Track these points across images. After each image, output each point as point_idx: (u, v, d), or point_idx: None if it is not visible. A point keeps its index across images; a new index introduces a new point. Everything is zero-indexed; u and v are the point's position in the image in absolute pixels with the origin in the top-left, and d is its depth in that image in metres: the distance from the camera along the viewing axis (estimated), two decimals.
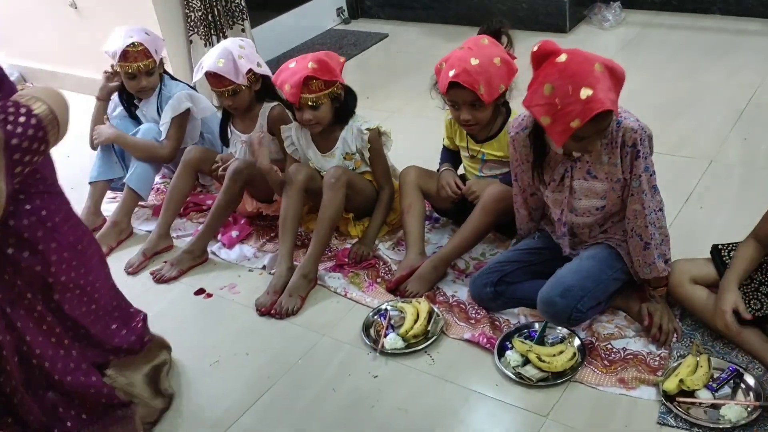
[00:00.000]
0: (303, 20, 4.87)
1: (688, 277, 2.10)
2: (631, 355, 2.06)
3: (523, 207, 2.32)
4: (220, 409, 2.11)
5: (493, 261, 2.34)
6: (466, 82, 2.25)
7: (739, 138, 3.08)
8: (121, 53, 2.88)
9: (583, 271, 2.10)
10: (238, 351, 2.32)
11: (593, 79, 1.79)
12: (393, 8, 5.03)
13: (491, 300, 2.27)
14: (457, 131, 2.57)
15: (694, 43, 4.05)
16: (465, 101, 2.32)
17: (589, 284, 2.08)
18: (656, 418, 1.87)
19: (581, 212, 2.13)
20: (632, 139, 1.97)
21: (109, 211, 3.09)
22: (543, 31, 4.33)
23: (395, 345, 2.21)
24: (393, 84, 4.08)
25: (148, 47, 2.91)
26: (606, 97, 1.79)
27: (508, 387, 2.04)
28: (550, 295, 2.08)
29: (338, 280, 2.56)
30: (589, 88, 1.78)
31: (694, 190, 2.78)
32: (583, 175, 2.07)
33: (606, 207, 2.10)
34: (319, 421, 2.04)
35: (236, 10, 3.98)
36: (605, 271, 2.12)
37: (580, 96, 1.78)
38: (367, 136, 2.59)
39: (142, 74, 2.94)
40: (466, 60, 2.26)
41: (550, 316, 2.12)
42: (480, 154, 2.51)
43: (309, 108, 2.50)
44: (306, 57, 2.50)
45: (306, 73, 2.44)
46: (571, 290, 2.06)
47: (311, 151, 2.67)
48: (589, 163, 2.05)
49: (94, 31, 4.09)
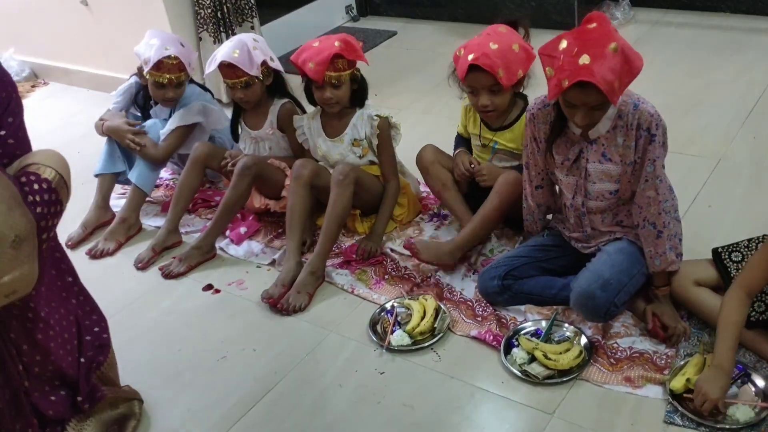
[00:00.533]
0: (312, 18, 4.87)
1: (692, 279, 2.09)
2: (638, 353, 2.06)
3: (531, 197, 2.34)
4: (227, 404, 2.12)
5: (501, 256, 2.35)
6: (485, 65, 2.28)
7: (748, 136, 3.07)
8: (156, 63, 2.84)
9: (617, 264, 2.09)
10: (246, 347, 2.33)
11: (599, 52, 1.84)
12: (402, 6, 5.03)
13: (498, 294, 2.27)
14: (471, 118, 2.58)
15: (704, 41, 4.04)
16: (484, 86, 2.34)
17: (624, 278, 2.08)
18: (663, 416, 1.87)
19: (595, 196, 2.14)
20: (648, 123, 1.99)
21: (118, 206, 3.11)
22: (551, 28, 4.30)
23: (402, 342, 2.22)
24: (401, 81, 4.08)
25: (183, 60, 2.88)
26: (600, 73, 1.83)
27: (515, 384, 2.05)
28: (591, 288, 2.06)
29: (345, 276, 2.57)
30: (591, 57, 1.83)
31: (703, 188, 2.77)
32: (598, 158, 2.09)
33: (619, 191, 2.11)
34: (325, 416, 2.05)
35: (245, 7, 3.99)
36: (635, 265, 2.11)
37: (578, 60, 1.84)
38: (377, 122, 2.62)
39: (171, 86, 2.92)
40: (485, 45, 2.30)
41: (589, 309, 2.09)
42: (492, 143, 2.52)
43: (331, 86, 2.53)
44: (330, 37, 2.53)
45: (334, 50, 2.47)
46: (610, 283, 2.05)
47: (321, 138, 2.69)
48: (605, 146, 2.07)
49: (105, 28, 4.12)
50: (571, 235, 2.29)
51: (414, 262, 2.57)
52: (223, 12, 3.87)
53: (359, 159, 2.67)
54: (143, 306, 2.60)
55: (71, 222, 3.08)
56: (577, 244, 2.28)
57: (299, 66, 2.56)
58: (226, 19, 3.89)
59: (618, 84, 1.86)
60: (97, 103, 4.14)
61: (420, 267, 2.56)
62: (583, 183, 2.14)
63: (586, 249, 2.26)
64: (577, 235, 2.27)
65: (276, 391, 2.15)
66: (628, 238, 2.17)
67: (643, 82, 3.65)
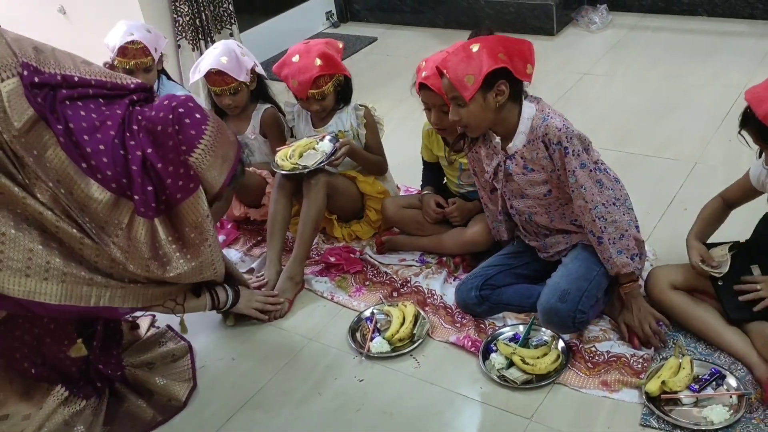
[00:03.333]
0: (292, 24, 4.87)
1: (668, 283, 2.11)
2: (615, 357, 2.07)
3: (489, 202, 2.36)
4: (206, 414, 2.11)
5: (476, 268, 2.36)
6: (434, 85, 2.22)
7: (723, 140, 3.10)
8: (120, 49, 2.86)
9: (573, 272, 2.11)
10: (224, 356, 2.32)
11: (451, 61, 1.96)
12: (382, 12, 5.04)
13: (476, 305, 2.28)
14: (434, 141, 2.58)
15: (680, 45, 4.08)
16: (435, 104, 2.30)
17: (583, 284, 2.09)
18: (639, 419, 1.88)
19: (532, 197, 2.16)
20: (557, 137, 2.00)
21: None
22: (530, 34, 4.35)
23: (381, 349, 2.22)
24: (382, 87, 4.09)
25: (147, 45, 2.88)
26: (437, 70, 2.00)
27: (493, 389, 2.05)
28: (550, 303, 2.08)
29: (325, 284, 2.57)
30: (444, 56, 2.02)
31: (679, 191, 2.80)
32: (521, 170, 2.11)
33: (552, 192, 2.12)
34: (304, 424, 2.04)
35: (224, 14, 3.99)
36: (592, 268, 2.12)
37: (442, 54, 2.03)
38: (362, 111, 2.64)
39: (139, 71, 2.91)
40: (435, 59, 2.25)
41: (555, 324, 2.11)
42: (458, 163, 2.53)
43: (315, 101, 2.55)
44: (310, 50, 2.52)
45: (315, 73, 2.48)
46: (569, 293, 2.07)
47: (307, 128, 2.71)
48: (524, 159, 2.09)
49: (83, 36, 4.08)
50: (530, 244, 2.31)
51: (393, 267, 2.59)
52: (202, 19, 3.87)
53: None
54: None
55: None
56: (541, 254, 2.29)
57: (282, 80, 2.58)
58: (205, 27, 3.89)
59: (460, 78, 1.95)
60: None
61: (398, 273, 2.56)
62: (510, 198, 2.20)
63: (547, 258, 2.27)
64: (536, 244, 2.29)
65: (255, 400, 2.14)
66: (583, 242, 2.17)
67: (620, 86, 3.71)
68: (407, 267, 2.59)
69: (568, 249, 2.21)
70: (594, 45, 4.25)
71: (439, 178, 2.68)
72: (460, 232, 2.52)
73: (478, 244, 2.47)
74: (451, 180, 2.62)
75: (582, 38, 4.35)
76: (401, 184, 2.99)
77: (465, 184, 2.57)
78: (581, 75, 3.84)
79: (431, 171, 2.68)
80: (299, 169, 2.49)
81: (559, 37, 4.38)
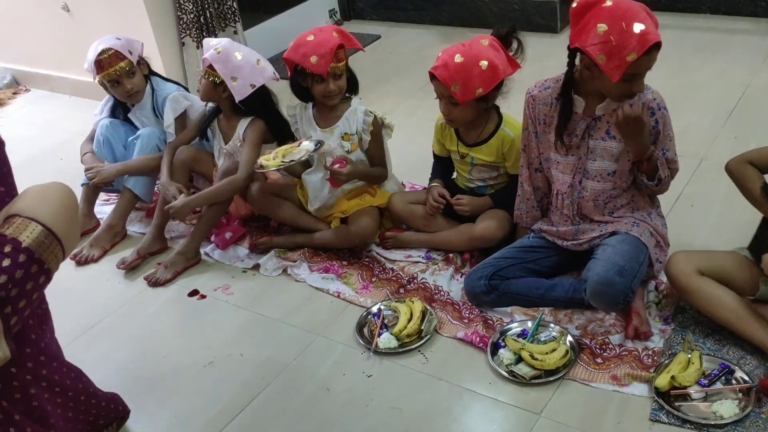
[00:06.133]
0: (295, 22, 4.86)
1: (694, 268, 2.06)
2: (626, 351, 2.08)
3: (527, 182, 2.36)
4: (214, 410, 2.11)
5: (488, 257, 2.36)
6: (441, 76, 2.29)
7: (729, 136, 3.10)
8: (96, 65, 2.85)
9: (626, 253, 2.10)
10: (233, 352, 2.32)
11: (642, 16, 1.93)
12: (385, 9, 5.04)
13: (484, 294, 2.28)
14: (447, 135, 2.58)
15: (684, 42, 4.08)
16: (443, 95, 2.36)
17: (635, 266, 2.09)
18: (648, 414, 1.88)
19: (593, 174, 2.17)
20: (663, 101, 2.12)
21: (101, 212, 3.10)
22: (534, 31, 4.35)
23: (389, 344, 2.22)
24: (385, 85, 4.09)
25: (119, 50, 2.86)
26: (656, 31, 1.92)
27: (502, 385, 2.05)
28: (609, 275, 2.06)
29: (332, 281, 2.57)
30: (641, 23, 1.90)
31: (685, 188, 2.80)
32: (602, 135, 2.14)
33: (617, 173, 2.15)
34: (313, 420, 2.04)
35: (228, 12, 3.99)
36: (639, 255, 2.12)
37: (634, 30, 1.89)
38: (371, 118, 2.60)
39: (123, 77, 2.89)
40: (451, 55, 2.29)
41: (608, 297, 2.08)
42: (470, 157, 2.53)
43: (333, 78, 2.52)
44: (322, 29, 2.53)
45: (336, 41, 2.46)
46: (626, 269, 2.07)
47: (311, 128, 2.67)
48: (609, 124, 2.12)
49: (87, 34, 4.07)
50: (559, 230, 2.30)
51: (399, 264, 2.59)
52: (206, 17, 3.87)
53: (347, 154, 2.62)
54: (128, 312, 2.59)
55: None
56: (566, 243, 2.29)
57: (298, 61, 2.49)
58: (209, 24, 3.89)
59: None
60: (79, 110, 4.13)
61: (405, 269, 2.57)
62: (584, 162, 2.17)
63: (573, 246, 2.27)
64: (566, 230, 2.28)
65: (263, 396, 2.14)
66: (625, 230, 2.17)
67: None
68: (413, 263, 2.59)
69: (603, 236, 2.20)
70: None
71: (448, 172, 2.68)
72: (469, 227, 2.52)
73: (487, 240, 2.47)
74: (461, 174, 2.62)
75: None
76: (406, 181, 2.99)
77: (475, 179, 2.57)
78: None
79: (441, 165, 2.68)
80: (286, 163, 2.48)
81: (563, 34, 4.38)
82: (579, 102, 2.13)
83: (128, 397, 2.11)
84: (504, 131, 2.46)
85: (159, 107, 3.01)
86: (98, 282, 2.77)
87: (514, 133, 2.44)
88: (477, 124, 2.47)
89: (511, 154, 2.46)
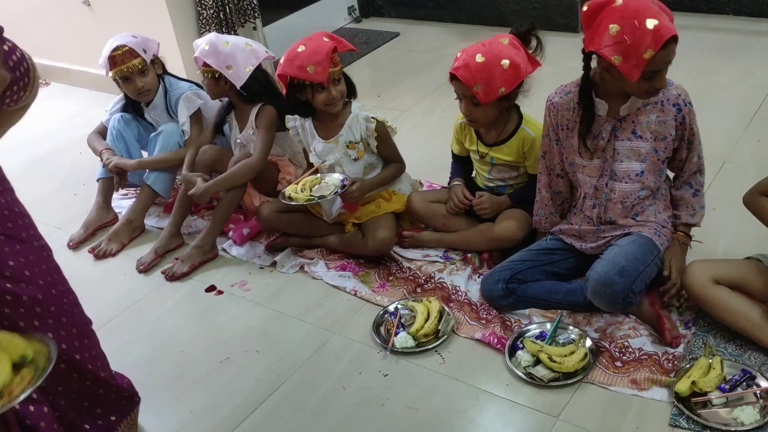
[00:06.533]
0: (314, 18, 4.87)
1: (710, 277, 2.05)
2: (646, 355, 2.06)
3: (545, 188, 2.33)
4: (230, 407, 2.11)
5: (505, 260, 2.35)
6: (463, 77, 2.26)
7: (752, 139, 3.07)
8: (109, 60, 2.87)
9: (631, 253, 2.09)
10: (249, 348, 2.32)
11: (654, 11, 1.89)
12: (404, 7, 5.02)
13: (501, 297, 2.27)
14: (467, 135, 2.57)
15: (707, 43, 4.03)
16: (465, 95, 2.34)
17: (639, 266, 2.07)
18: (668, 419, 1.86)
19: (621, 176, 2.14)
20: (684, 94, 2.11)
21: (119, 207, 3.11)
22: (555, 30, 4.32)
23: (406, 344, 2.21)
24: (403, 83, 4.08)
25: (133, 48, 2.88)
26: (671, 25, 1.89)
27: (519, 387, 2.04)
28: (608, 275, 2.04)
29: (348, 279, 2.56)
30: (654, 19, 1.86)
31: (707, 191, 2.75)
32: (628, 135, 2.11)
33: (644, 173, 2.13)
34: (329, 418, 2.04)
35: (248, 8, 3.99)
36: (648, 255, 2.11)
37: (647, 26, 1.85)
38: (373, 125, 2.56)
39: (134, 75, 2.91)
40: (472, 55, 2.26)
41: (607, 296, 2.06)
42: (489, 157, 2.51)
43: (333, 83, 2.49)
44: (311, 38, 2.47)
45: (330, 45, 2.43)
46: (627, 269, 2.04)
47: (314, 140, 2.64)
48: (635, 123, 2.10)
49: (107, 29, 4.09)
50: (581, 229, 2.27)
51: (417, 263, 2.58)
52: (226, 12, 3.87)
53: (354, 162, 2.60)
54: (145, 307, 2.59)
55: (72, 222, 3.08)
56: (584, 245, 2.27)
57: (295, 74, 2.44)
58: (229, 20, 3.89)
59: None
60: (98, 104, 4.14)
61: (422, 269, 2.55)
62: (610, 164, 2.14)
63: (591, 250, 2.25)
64: (588, 228, 2.25)
65: (279, 393, 2.14)
66: (640, 232, 2.16)
67: None
68: (431, 263, 2.58)
69: (618, 237, 2.19)
70: None
71: (467, 171, 2.66)
72: (489, 227, 2.51)
73: (508, 240, 2.45)
74: (480, 174, 2.60)
75: None
76: (424, 180, 2.98)
77: (495, 179, 2.55)
78: None
79: (460, 164, 2.67)
80: (315, 199, 2.46)
81: None
82: (601, 105, 2.10)
83: (144, 391, 2.11)
84: (524, 130, 2.44)
85: (172, 107, 3.02)
86: (116, 276, 2.78)
87: (535, 133, 2.42)
88: (497, 124, 2.45)
89: (532, 153, 2.44)
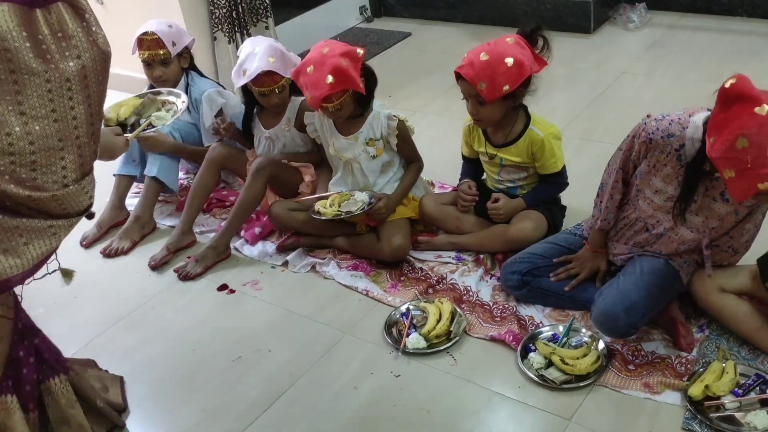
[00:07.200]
0: (326, 18, 4.87)
1: (716, 285, 2.06)
2: (659, 359, 2.05)
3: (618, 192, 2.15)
4: (242, 406, 2.12)
5: (527, 250, 2.36)
6: (467, 75, 2.28)
7: None
8: (137, 40, 2.95)
9: (647, 287, 2.03)
10: (261, 347, 2.33)
11: None
12: (416, 7, 5.02)
13: (515, 288, 2.30)
14: (475, 137, 2.57)
15: (720, 45, 4.02)
16: (470, 94, 2.35)
17: (651, 304, 2.03)
18: (681, 423, 1.86)
19: (691, 225, 2.02)
20: None
21: (133, 206, 3.12)
22: (567, 31, 4.32)
23: (417, 345, 2.21)
24: (415, 83, 4.08)
25: (162, 38, 2.92)
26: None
27: (531, 389, 2.04)
28: (615, 310, 2.01)
29: (361, 279, 2.56)
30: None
31: None
32: (716, 195, 1.95)
33: (716, 228, 2.01)
34: (340, 419, 2.04)
35: (260, 7, 3.99)
36: (667, 291, 2.07)
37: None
38: (395, 122, 2.57)
39: (156, 63, 2.96)
40: (476, 54, 2.28)
41: (608, 328, 2.05)
42: (498, 158, 2.51)
43: (331, 112, 2.51)
44: (324, 63, 2.40)
45: (325, 92, 2.39)
46: (635, 307, 2.00)
47: (334, 137, 2.65)
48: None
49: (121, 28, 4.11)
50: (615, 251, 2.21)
51: (429, 264, 2.58)
52: (238, 12, 3.88)
53: (372, 159, 2.62)
54: (158, 305, 2.60)
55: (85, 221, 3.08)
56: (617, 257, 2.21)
57: (299, 86, 2.52)
58: (241, 19, 3.90)
59: None
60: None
61: (434, 269, 2.55)
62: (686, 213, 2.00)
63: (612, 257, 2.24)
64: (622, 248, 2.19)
65: (291, 392, 2.15)
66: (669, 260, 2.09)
67: (658, 86, 3.67)
68: (443, 264, 2.58)
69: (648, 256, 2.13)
70: (631, 44, 4.20)
71: (477, 173, 2.66)
72: (504, 229, 2.50)
73: (524, 242, 2.44)
74: (490, 176, 2.60)
75: (619, 37, 4.30)
76: (436, 181, 2.98)
77: (505, 180, 2.55)
78: (618, 74, 3.80)
79: (470, 167, 2.67)
80: (343, 215, 2.51)
81: (596, 35, 4.34)
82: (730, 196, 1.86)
83: (156, 389, 2.13)
84: (533, 131, 2.43)
85: (192, 102, 3.03)
86: (128, 274, 2.79)
87: (544, 133, 2.42)
88: (505, 125, 2.45)
89: (541, 154, 2.44)
